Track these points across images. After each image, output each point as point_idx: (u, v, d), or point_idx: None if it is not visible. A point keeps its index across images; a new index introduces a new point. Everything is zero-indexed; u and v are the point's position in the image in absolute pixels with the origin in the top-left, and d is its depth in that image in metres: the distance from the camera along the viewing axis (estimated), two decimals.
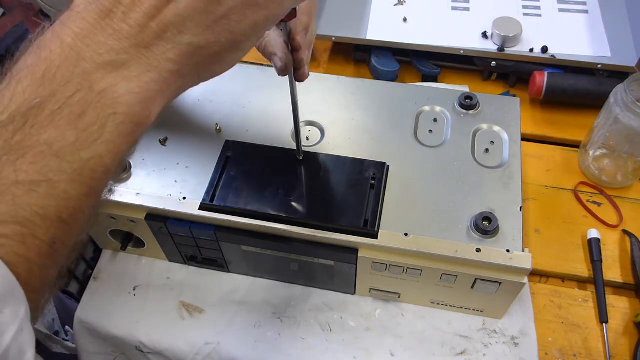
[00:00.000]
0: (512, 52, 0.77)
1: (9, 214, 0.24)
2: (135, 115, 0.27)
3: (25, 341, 0.25)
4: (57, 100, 0.25)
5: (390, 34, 0.80)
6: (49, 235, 0.26)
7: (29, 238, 0.25)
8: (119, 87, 0.27)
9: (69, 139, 0.26)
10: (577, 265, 0.63)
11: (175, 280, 0.63)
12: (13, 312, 0.24)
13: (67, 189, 0.26)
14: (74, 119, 0.26)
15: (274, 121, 0.61)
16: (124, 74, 0.27)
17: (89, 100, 0.26)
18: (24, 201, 0.25)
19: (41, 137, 0.25)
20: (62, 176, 0.26)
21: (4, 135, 0.25)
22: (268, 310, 0.60)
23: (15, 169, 0.25)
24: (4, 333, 0.23)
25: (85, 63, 0.26)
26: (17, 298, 0.24)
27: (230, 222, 0.53)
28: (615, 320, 0.59)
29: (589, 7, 0.82)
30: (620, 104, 0.61)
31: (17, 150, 0.25)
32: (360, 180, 0.54)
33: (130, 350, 0.61)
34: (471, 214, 0.52)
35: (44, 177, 0.25)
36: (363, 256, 0.52)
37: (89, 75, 0.26)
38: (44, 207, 0.25)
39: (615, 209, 0.67)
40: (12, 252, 0.24)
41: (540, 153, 0.73)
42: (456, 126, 0.61)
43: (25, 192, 0.25)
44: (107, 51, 0.26)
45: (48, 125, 0.25)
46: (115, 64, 0.26)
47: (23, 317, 0.25)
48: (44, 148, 0.25)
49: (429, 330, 0.58)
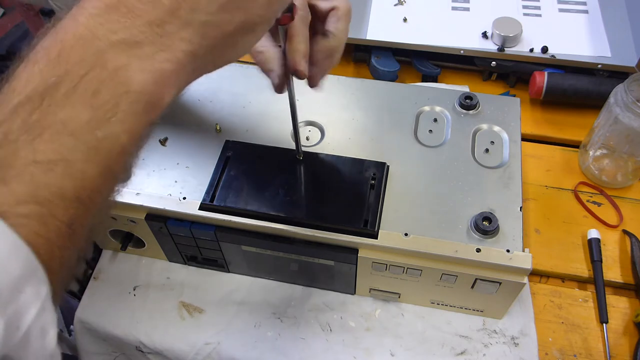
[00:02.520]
0: (512, 52, 0.77)
1: (28, 193, 0.24)
2: (149, 94, 0.27)
3: (48, 321, 0.25)
4: (71, 79, 0.25)
5: (390, 34, 0.80)
6: (68, 215, 0.26)
7: (49, 218, 0.25)
8: (132, 65, 0.26)
9: (84, 117, 0.25)
10: (577, 265, 0.63)
11: (175, 280, 0.63)
12: (35, 291, 0.24)
13: (84, 169, 0.26)
14: (88, 98, 0.25)
15: (274, 121, 0.61)
16: (137, 52, 0.27)
17: (102, 79, 0.26)
18: (43, 181, 0.24)
19: (57, 116, 0.25)
20: (78, 155, 0.25)
21: (21, 114, 0.25)
22: (268, 310, 0.60)
23: (33, 148, 0.24)
24: (26, 312, 0.23)
25: (98, 41, 0.26)
26: (38, 278, 0.24)
27: (230, 222, 0.53)
28: (615, 320, 0.59)
29: (589, 7, 0.82)
30: (620, 104, 0.61)
31: (35, 130, 0.25)
32: (360, 180, 0.54)
33: (130, 350, 0.61)
34: (471, 214, 0.52)
35: (60, 157, 0.25)
36: (363, 256, 0.52)
37: (102, 54, 0.26)
38: (62, 187, 0.25)
39: (615, 209, 0.67)
40: (32, 232, 0.24)
41: (540, 153, 0.73)
42: (456, 126, 0.61)
43: (43, 171, 0.24)
44: (120, 29, 0.26)
45: (63, 104, 0.25)
46: (128, 43, 0.26)
47: (45, 297, 0.25)
48: (60, 127, 0.25)
49: (429, 330, 0.58)
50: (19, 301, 0.23)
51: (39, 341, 0.24)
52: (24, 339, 0.23)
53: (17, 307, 0.23)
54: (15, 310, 0.23)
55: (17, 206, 0.24)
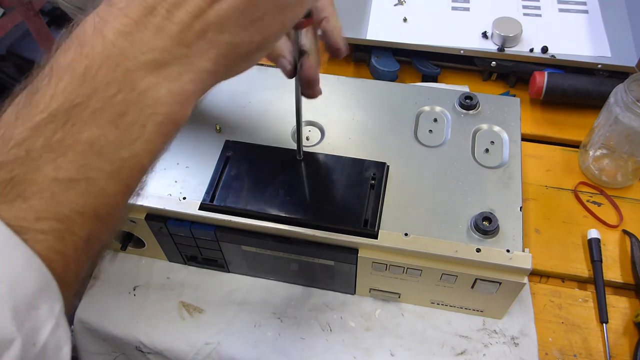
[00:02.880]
0: (512, 52, 0.77)
1: (48, 210, 0.24)
2: (174, 114, 0.28)
3: (62, 336, 0.25)
4: (98, 99, 0.25)
5: (390, 34, 0.80)
6: (85, 231, 0.26)
7: (67, 234, 0.25)
8: (160, 87, 0.27)
9: (110, 138, 0.26)
10: (577, 265, 0.63)
11: (175, 280, 0.63)
12: (49, 307, 0.24)
13: (105, 187, 0.26)
14: (115, 119, 0.26)
15: (274, 121, 0.61)
16: (164, 73, 0.27)
17: (130, 100, 0.26)
18: (63, 198, 0.25)
19: (82, 136, 0.25)
20: (101, 174, 0.26)
21: (44, 133, 0.25)
22: (268, 310, 0.60)
23: (56, 166, 0.25)
24: (42, 329, 0.24)
25: (127, 61, 0.26)
26: (52, 294, 0.25)
27: (230, 222, 0.53)
28: (615, 320, 0.59)
29: (589, 7, 0.82)
30: (620, 104, 0.61)
31: (58, 149, 0.25)
32: (360, 180, 0.54)
33: (130, 350, 0.61)
34: (471, 214, 0.52)
35: (83, 175, 0.25)
36: (363, 256, 0.52)
37: (130, 74, 0.26)
38: (82, 205, 0.25)
39: (615, 209, 0.67)
40: (49, 248, 0.24)
41: (540, 153, 0.73)
42: (456, 126, 0.61)
43: (63, 189, 0.25)
44: (149, 50, 0.26)
45: (89, 124, 0.25)
46: (157, 63, 0.27)
47: (59, 313, 0.25)
48: (85, 147, 0.25)
49: (429, 330, 0.58)
50: (35, 318, 0.23)
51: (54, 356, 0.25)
52: (40, 354, 0.23)
53: (34, 324, 0.23)
54: (32, 327, 0.23)
55: (36, 222, 0.24)
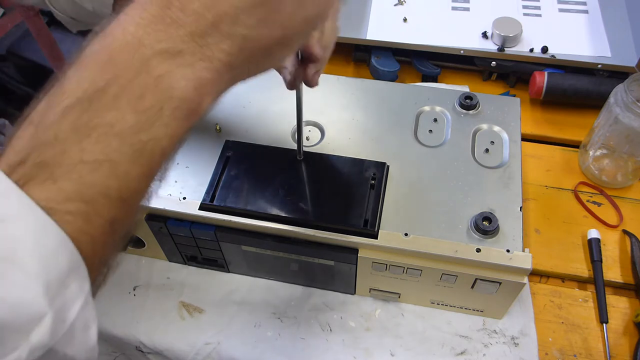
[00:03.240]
0: (512, 52, 0.77)
1: (75, 191, 0.25)
2: (190, 101, 0.28)
3: (90, 316, 0.26)
4: (118, 84, 0.26)
5: (390, 34, 0.80)
6: (111, 214, 0.27)
7: (93, 216, 0.26)
8: (175, 73, 0.28)
9: (130, 121, 0.27)
10: (577, 265, 0.63)
11: (175, 280, 0.63)
12: (79, 286, 0.25)
13: (128, 170, 0.27)
14: (133, 102, 0.27)
15: (274, 121, 0.61)
16: (179, 61, 0.28)
17: (147, 85, 0.27)
18: (89, 180, 0.26)
19: (104, 119, 0.26)
20: (123, 157, 0.27)
21: (70, 116, 0.26)
22: (268, 310, 0.60)
23: (81, 148, 0.26)
24: (71, 307, 0.25)
25: (144, 49, 0.27)
26: (81, 273, 0.25)
27: (230, 222, 0.53)
28: (615, 320, 0.59)
29: (589, 7, 0.82)
30: (620, 104, 0.61)
31: (83, 131, 0.26)
32: (360, 180, 0.54)
33: (130, 350, 0.61)
34: (471, 214, 0.52)
35: (106, 157, 0.26)
36: (363, 256, 0.52)
37: (147, 61, 0.27)
38: (107, 186, 0.26)
39: (615, 209, 0.67)
40: (77, 229, 0.25)
41: (540, 153, 0.73)
42: (456, 126, 0.61)
43: (89, 171, 0.26)
44: (164, 39, 0.27)
45: (111, 107, 0.26)
46: (171, 52, 0.28)
47: (87, 292, 0.26)
48: (107, 129, 0.26)
49: (429, 330, 0.58)
50: (65, 295, 0.24)
51: (82, 335, 0.26)
52: (69, 332, 0.24)
53: (64, 300, 0.24)
54: (62, 304, 0.24)
55: (64, 203, 0.25)
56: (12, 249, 0.23)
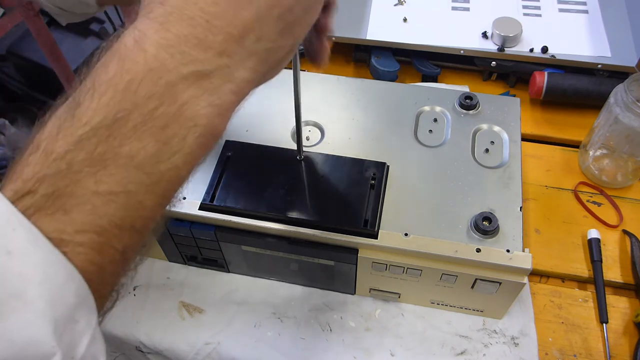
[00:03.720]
0: (512, 52, 0.77)
1: (88, 223, 0.25)
2: (214, 127, 0.27)
3: (98, 349, 0.26)
4: (140, 113, 0.25)
5: (390, 34, 0.80)
6: (123, 244, 0.26)
7: (105, 247, 0.25)
8: (201, 99, 0.26)
9: (150, 151, 0.26)
10: (577, 265, 0.63)
11: (175, 280, 0.63)
12: (87, 321, 0.25)
13: (143, 200, 0.26)
14: (156, 132, 0.26)
15: (274, 121, 0.61)
16: (205, 85, 0.27)
17: (171, 113, 0.26)
18: (103, 211, 0.25)
19: (123, 150, 0.25)
20: (140, 187, 0.26)
21: (86, 147, 0.25)
22: (268, 310, 0.60)
23: (96, 180, 0.25)
24: (80, 342, 0.24)
25: (169, 74, 0.26)
26: (89, 307, 0.25)
27: (230, 222, 0.53)
28: (615, 320, 0.59)
29: (589, 7, 0.82)
30: (620, 104, 0.61)
31: (99, 162, 0.25)
32: (360, 180, 0.54)
33: (130, 350, 0.61)
34: (471, 214, 0.52)
35: (122, 189, 0.25)
36: (363, 256, 0.52)
37: (172, 87, 0.26)
38: (120, 218, 0.25)
39: (615, 209, 0.67)
40: (87, 260, 0.25)
41: (540, 153, 0.73)
42: (456, 126, 0.61)
43: (104, 202, 0.25)
44: (191, 61, 0.26)
45: (130, 137, 0.25)
46: (198, 75, 0.26)
47: (95, 326, 0.25)
48: (126, 160, 0.25)
49: (429, 330, 0.58)
50: (74, 331, 0.24)
51: None
52: None
53: (72, 337, 0.24)
54: (70, 341, 0.24)
55: (75, 235, 0.24)
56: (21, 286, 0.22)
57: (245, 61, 0.28)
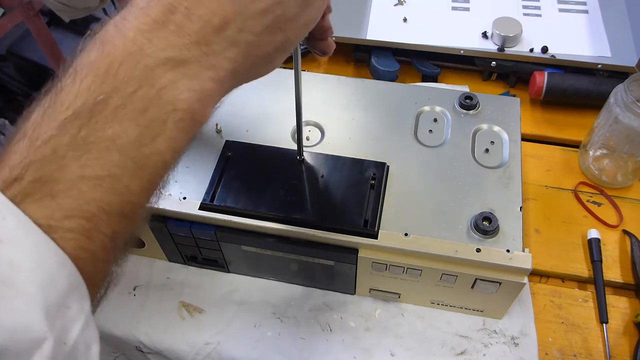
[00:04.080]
0: (512, 52, 0.77)
1: (75, 208, 0.25)
2: (194, 112, 0.28)
3: (91, 335, 0.26)
4: (120, 96, 0.25)
5: (390, 34, 0.80)
6: (111, 229, 0.26)
7: (94, 232, 0.25)
8: (180, 84, 0.27)
9: (132, 134, 0.26)
10: (577, 265, 0.63)
11: (175, 280, 0.63)
12: (79, 307, 0.25)
13: (129, 184, 0.26)
14: (136, 115, 0.26)
15: (274, 121, 0.61)
16: (184, 71, 0.27)
17: (150, 97, 0.26)
18: (90, 196, 0.25)
19: (105, 133, 0.25)
20: (124, 171, 0.26)
21: (70, 131, 0.25)
22: (268, 310, 0.60)
23: (81, 164, 0.25)
24: (72, 328, 0.24)
25: (147, 59, 0.26)
26: (81, 293, 0.25)
27: (230, 222, 0.53)
28: (615, 320, 0.59)
29: (589, 7, 0.82)
30: (620, 104, 0.61)
31: (83, 146, 0.25)
32: (360, 180, 0.54)
33: (130, 350, 0.61)
34: (471, 214, 0.52)
35: (107, 172, 0.25)
36: (363, 256, 0.52)
37: (150, 71, 0.26)
38: (107, 202, 0.26)
39: (615, 209, 0.67)
40: (78, 247, 0.25)
41: (540, 153, 0.73)
42: (456, 126, 0.61)
43: (90, 187, 0.25)
44: (168, 47, 0.26)
45: (112, 121, 0.25)
46: (176, 61, 0.27)
47: (88, 312, 0.25)
48: (108, 144, 0.25)
49: (429, 330, 0.58)
50: (66, 317, 0.24)
51: (83, 355, 0.25)
52: (71, 354, 0.24)
53: (64, 322, 0.24)
54: (62, 326, 0.23)
55: (64, 220, 0.24)
56: (11, 273, 0.22)
57: (224, 51, 0.28)
